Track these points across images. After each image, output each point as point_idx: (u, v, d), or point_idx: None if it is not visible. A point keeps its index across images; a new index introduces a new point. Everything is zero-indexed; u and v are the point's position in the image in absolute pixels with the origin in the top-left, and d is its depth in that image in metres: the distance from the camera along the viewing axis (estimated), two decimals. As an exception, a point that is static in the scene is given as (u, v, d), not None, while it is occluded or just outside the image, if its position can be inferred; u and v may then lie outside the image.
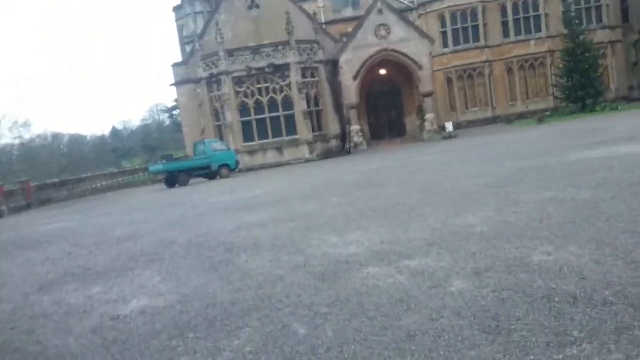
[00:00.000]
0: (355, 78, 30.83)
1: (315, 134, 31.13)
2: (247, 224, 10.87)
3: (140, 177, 36.72)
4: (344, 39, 32.35)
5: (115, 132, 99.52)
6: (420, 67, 30.62)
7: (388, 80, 33.81)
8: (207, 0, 42.44)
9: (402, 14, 32.90)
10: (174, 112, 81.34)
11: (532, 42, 39.80)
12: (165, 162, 28.32)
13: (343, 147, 32.22)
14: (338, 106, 32.41)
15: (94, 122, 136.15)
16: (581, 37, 34.07)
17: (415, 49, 30.57)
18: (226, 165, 27.70)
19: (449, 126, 30.18)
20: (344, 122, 32.39)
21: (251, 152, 30.75)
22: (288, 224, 10.07)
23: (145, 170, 36.16)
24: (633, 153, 11.97)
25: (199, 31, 35.31)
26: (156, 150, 73.79)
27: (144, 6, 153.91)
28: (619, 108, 32.13)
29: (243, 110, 30.94)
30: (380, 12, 30.80)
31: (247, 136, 30.83)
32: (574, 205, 7.63)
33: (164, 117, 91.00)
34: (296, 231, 9.23)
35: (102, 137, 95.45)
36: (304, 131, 30.41)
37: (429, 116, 31.15)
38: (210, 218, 12.80)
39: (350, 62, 30.92)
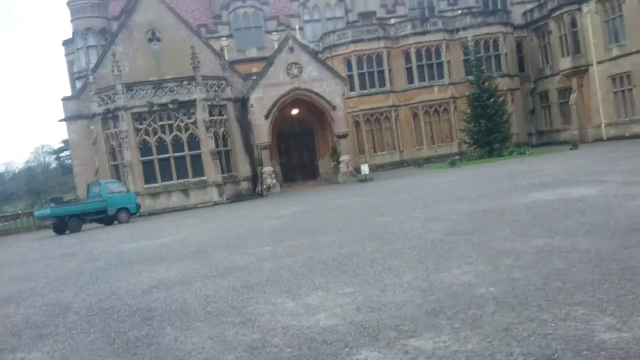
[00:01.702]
0: (267, 117, 29.33)
1: (225, 175, 29.06)
2: (164, 282, 8.75)
3: (24, 223, 32.61)
4: (254, 77, 30.90)
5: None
6: (334, 108, 29.74)
7: (300, 121, 32.62)
8: (102, 33, 39.65)
9: (315, 53, 32.13)
10: (62, 154, 75.72)
11: (436, 89, 40.47)
12: (54, 205, 25.03)
13: (254, 190, 30.36)
14: (248, 146, 30.65)
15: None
16: (486, 83, 34.91)
17: (329, 89, 29.72)
18: (125, 209, 24.93)
19: (365, 169, 29.33)
20: (254, 164, 30.62)
21: (154, 195, 28.08)
22: (219, 282, 8.10)
23: (30, 215, 32.18)
24: (589, 196, 11.19)
25: (92, 65, 32.48)
26: (41, 195, 68.01)
27: (28, 41, 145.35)
28: (527, 153, 32.90)
29: (144, 148, 28.35)
30: (292, 50, 29.75)
31: (149, 177, 28.19)
32: (586, 257, 6.36)
33: (51, 159, 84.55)
34: (233, 292, 7.30)
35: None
36: (213, 172, 28.27)
37: (345, 158, 30.15)
38: (114, 274, 10.48)
39: (262, 101, 29.44)
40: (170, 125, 28.64)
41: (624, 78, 34.02)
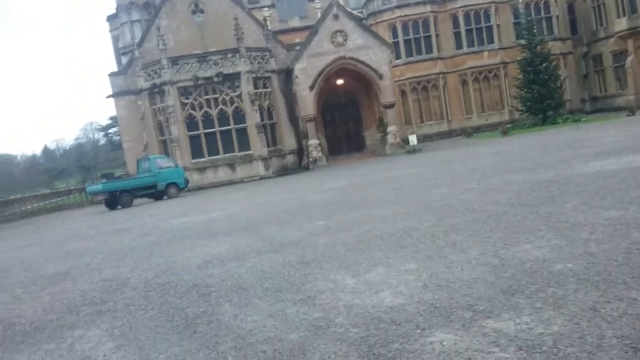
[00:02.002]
0: (311, 88, 28.92)
1: (270, 148, 28.94)
2: (218, 257, 8.66)
3: (76, 198, 33.45)
4: (297, 47, 30.44)
5: (47, 151, 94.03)
6: (381, 77, 29.05)
7: (345, 91, 32.06)
8: (145, 7, 39.72)
9: (359, 20, 31.40)
10: (110, 130, 77.26)
11: (485, 54, 39.17)
12: (105, 181, 25.48)
13: (300, 163, 30.16)
14: (293, 118, 30.39)
15: (24, 141, 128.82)
16: (538, 47, 33.51)
17: (375, 57, 29.01)
18: (174, 184, 25.16)
19: (413, 139, 28.64)
20: (300, 136, 30.37)
21: (201, 170, 28.24)
22: (273, 257, 7.94)
23: (82, 191, 32.96)
24: (659, 163, 10.50)
25: (137, 40, 32.64)
26: (91, 170, 69.78)
27: (74, 16, 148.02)
28: (582, 120, 31.57)
29: (190, 123, 28.45)
30: (336, 17, 29.08)
31: (196, 152, 28.33)
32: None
33: (99, 135, 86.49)
34: (289, 267, 7.12)
35: (34, 157, 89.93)
36: (258, 146, 28.19)
37: (392, 128, 29.55)
38: (167, 248, 10.48)
39: (306, 71, 29.00)
40: (216, 99, 28.59)
41: (687, 37, 32.08)
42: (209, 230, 11.94)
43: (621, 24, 35.77)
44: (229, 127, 28.51)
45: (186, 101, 28.38)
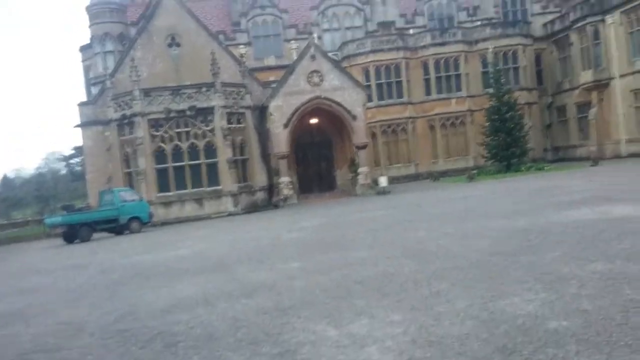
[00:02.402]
0: (286, 125, 28.74)
1: (240, 184, 28.45)
2: (185, 300, 8.15)
3: (33, 230, 32.17)
4: (273, 85, 30.38)
5: (6, 180, 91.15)
6: (354, 117, 29.12)
7: (318, 130, 32.00)
8: (119, 39, 39.39)
9: (336, 62, 31.58)
10: (72, 161, 75.62)
11: (453, 101, 39.77)
12: (65, 212, 24.52)
13: (270, 200, 29.74)
14: (265, 155, 30.06)
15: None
16: (506, 96, 34.22)
17: (350, 98, 29.12)
18: (137, 218, 24.36)
19: (383, 181, 28.60)
20: (271, 173, 30.01)
21: (166, 204, 27.51)
22: (246, 302, 7.49)
23: (39, 222, 31.75)
24: (634, 216, 10.49)
25: (109, 70, 32.10)
26: (50, 201, 67.74)
27: (46, 47, 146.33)
28: (545, 168, 32.15)
29: (159, 156, 27.83)
30: (313, 57, 29.21)
31: (163, 185, 27.63)
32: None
33: (61, 165, 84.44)
34: (264, 315, 6.69)
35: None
36: (228, 181, 27.67)
37: (363, 169, 29.49)
38: (130, 288, 9.90)
39: (281, 109, 28.88)
40: (187, 132, 28.14)
41: (648, 92, 33.18)
42: (175, 269, 11.40)
43: (586, 76, 36.87)
44: (199, 162, 27.99)
45: (156, 133, 27.85)
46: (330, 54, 36.31)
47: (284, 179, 28.95)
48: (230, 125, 28.61)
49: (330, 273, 8.61)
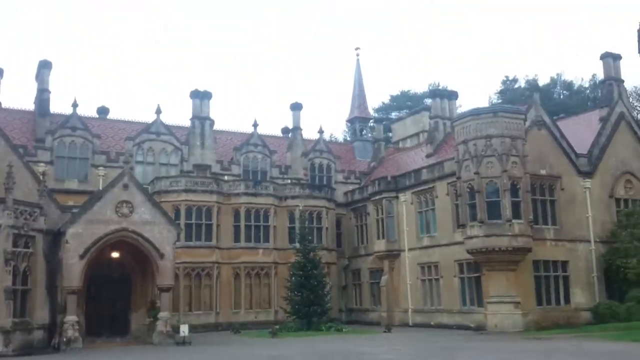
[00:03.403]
0: (82, 256, 25.80)
1: (16, 320, 24.05)
2: None
3: None
4: (74, 210, 27.71)
5: None
6: (162, 256, 27.31)
7: (119, 265, 29.23)
8: None
9: (151, 194, 30.13)
10: None
11: (260, 251, 40.16)
12: None
13: (50, 342, 25.56)
14: (52, 288, 26.29)
15: None
16: (311, 253, 35.45)
17: (160, 235, 27.47)
18: None
19: (185, 329, 26.54)
20: (55, 309, 26.13)
21: None
22: None
23: None
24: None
25: None
26: None
27: None
28: (343, 330, 33.14)
29: None
30: (126, 187, 27.51)
31: None
32: None
33: None
34: None
35: None
36: (2, 315, 23.15)
37: (164, 315, 27.14)
38: None
39: (80, 237, 26.08)
40: (-41, 252, 23.85)
41: (432, 267, 36.87)
42: None
43: (380, 245, 40.14)
44: (-33, 287, 23.56)
45: None
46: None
47: (70, 318, 25.43)
48: (15, 249, 24.97)
49: None
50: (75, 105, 40.63)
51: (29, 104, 43.09)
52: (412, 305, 37.95)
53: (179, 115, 77.39)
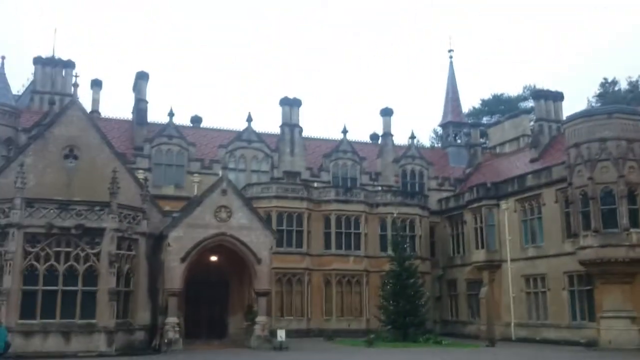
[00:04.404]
0: (183, 259, 26.06)
1: (119, 320, 24.53)
2: None
3: None
4: (174, 214, 28.09)
5: None
6: (259, 261, 27.16)
7: (217, 269, 29.37)
8: (6, 143, 35.63)
9: (247, 200, 30.12)
10: None
11: (351, 258, 39.35)
12: None
13: (150, 343, 25.88)
14: (153, 290, 26.68)
15: None
16: (407, 262, 34.20)
17: (257, 240, 27.38)
18: (-10, 348, 19.88)
19: (282, 334, 26.17)
20: (156, 311, 26.47)
21: (27, 333, 22.85)
22: None
23: None
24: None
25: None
26: None
27: None
28: (443, 342, 31.53)
29: (29, 275, 23.67)
30: (224, 192, 27.64)
31: (27, 311, 23.17)
32: None
33: None
34: None
35: None
36: (106, 315, 23.77)
37: (261, 319, 26.91)
38: None
39: (181, 240, 26.38)
40: (68, 253, 24.52)
41: (538, 279, 34.49)
42: None
43: (479, 255, 38.18)
44: (75, 288, 24.12)
45: (32, 250, 24.03)
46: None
47: (171, 320, 25.64)
48: (119, 252, 25.50)
49: None
50: (171, 114, 41.68)
51: (126, 114, 44.65)
52: (515, 319, 35.71)
53: (267, 122, 78.90)
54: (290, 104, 44.79)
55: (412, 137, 47.83)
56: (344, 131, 45.55)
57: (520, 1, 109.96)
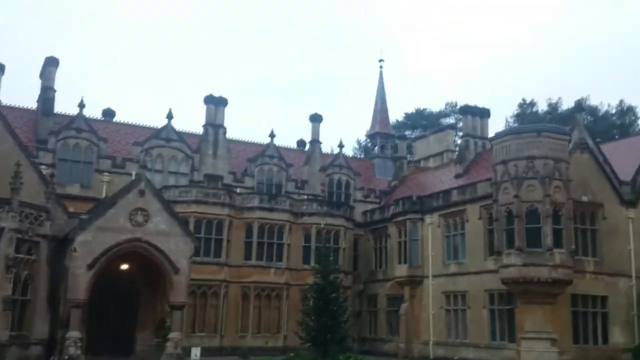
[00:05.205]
0: (91, 267, 23.27)
1: (13, 333, 21.43)
2: None
3: None
4: (82, 216, 25.22)
5: None
6: (177, 271, 24.83)
7: (128, 278, 26.61)
8: None
9: (168, 203, 27.62)
10: None
11: (272, 270, 37.51)
12: None
13: (48, 359, 22.86)
14: (54, 300, 23.65)
15: None
16: (332, 276, 32.79)
17: (176, 247, 25.07)
18: None
19: (197, 352, 24.04)
20: (56, 324, 23.50)
21: None
22: None
23: None
24: None
25: None
26: None
27: None
28: (364, 361, 30.38)
29: None
30: (142, 193, 25.12)
31: None
32: None
33: None
34: None
35: None
36: (-2, 327, 20.84)
37: (174, 335, 24.49)
38: None
39: (89, 245, 23.58)
40: (-46, 255, 21.25)
41: (459, 296, 34.18)
42: None
43: (401, 270, 37.49)
44: (-40, 295, 20.94)
45: None
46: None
47: (73, 334, 22.84)
48: (17, 255, 22.39)
49: None
50: (82, 105, 38.15)
51: (31, 103, 40.46)
52: (433, 337, 35.22)
53: (189, 122, 74.98)
54: (216, 103, 42.41)
55: (341, 145, 46.79)
56: (272, 135, 43.76)
57: (451, 22, 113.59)
